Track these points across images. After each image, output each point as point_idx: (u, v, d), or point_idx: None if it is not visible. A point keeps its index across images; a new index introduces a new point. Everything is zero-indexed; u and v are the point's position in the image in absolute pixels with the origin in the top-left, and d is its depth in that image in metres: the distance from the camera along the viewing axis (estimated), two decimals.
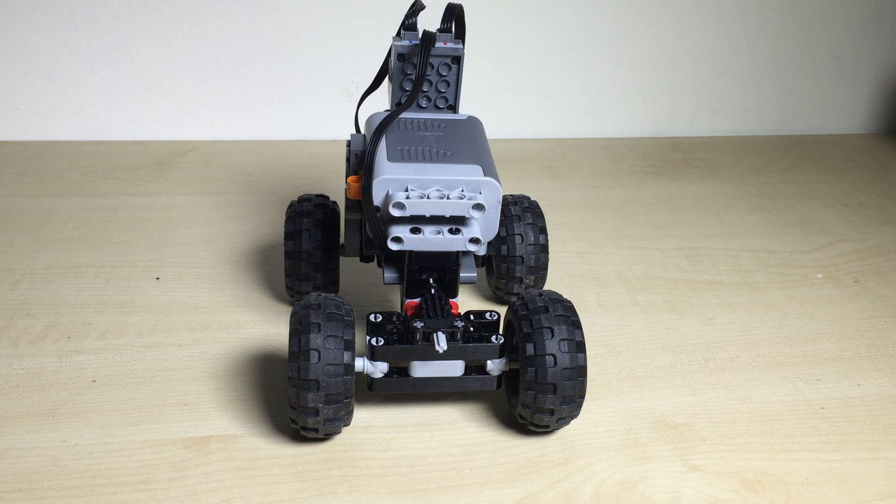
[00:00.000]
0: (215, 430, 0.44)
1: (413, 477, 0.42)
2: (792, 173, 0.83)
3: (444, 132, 0.47)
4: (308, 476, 0.42)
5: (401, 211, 0.42)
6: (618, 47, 0.85)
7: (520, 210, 0.54)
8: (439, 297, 0.45)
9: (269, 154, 0.78)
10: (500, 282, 0.55)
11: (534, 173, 0.79)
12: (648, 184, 0.78)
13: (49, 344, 0.50)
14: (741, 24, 0.87)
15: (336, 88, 0.81)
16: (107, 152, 0.78)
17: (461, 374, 0.44)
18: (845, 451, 0.45)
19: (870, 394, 0.50)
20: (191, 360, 0.50)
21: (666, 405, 0.48)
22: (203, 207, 0.68)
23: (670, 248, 0.66)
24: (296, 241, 0.51)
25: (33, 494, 0.40)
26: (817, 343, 0.55)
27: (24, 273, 0.58)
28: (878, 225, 0.72)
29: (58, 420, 0.44)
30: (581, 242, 0.66)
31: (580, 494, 0.41)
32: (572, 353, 0.42)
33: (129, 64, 0.78)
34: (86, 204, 0.68)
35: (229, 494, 0.40)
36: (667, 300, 0.59)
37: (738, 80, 0.89)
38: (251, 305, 0.55)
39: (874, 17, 0.90)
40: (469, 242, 0.43)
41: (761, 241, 0.68)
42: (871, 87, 0.93)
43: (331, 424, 0.41)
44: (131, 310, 0.54)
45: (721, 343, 0.54)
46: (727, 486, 0.42)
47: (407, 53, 0.46)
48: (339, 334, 0.40)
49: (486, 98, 0.84)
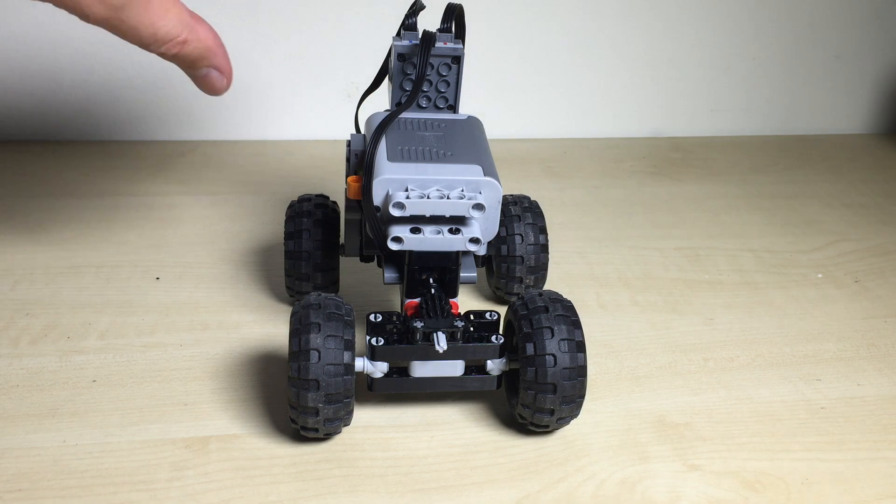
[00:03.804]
0: (215, 430, 0.44)
1: (413, 477, 0.42)
2: (792, 173, 0.83)
3: (444, 132, 0.47)
4: (308, 476, 0.42)
5: (401, 211, 0.42)
6: (618, 47, 0.85)
7: (520, 210, 0.54)
8: (439, 297, 0.45)
9: (269, 154, 0.78)
10: (500, 282, 0.55)
11: (534, 173, 0.79)
12: (648, 184, 0.78)
13: (49, 344, 0.50)
14: (741, 24, 0.87)
15: (336, 88, 0.81)
16: (107, 152, 0.78)
17: (461, 374, 0.44)
18: (845, 451, 0.45)
19: (870, 394, 0.50)
20: (191, 360, 0.50)
21: (666, 405, 0.48)
22: (203, 207, 0.68)
23: (670, 248, 0.66)
24: (296, 241, 0.51)
25: (33, 494, 0.40)
26: (817, 343, 0.55)
27: (24, 273, 0.58)
28: (878, 225, 0.72)
29: (58, 420, 0.44)
30: (581, 242, 0.66)
31: (580, 494, 0.41)
32: (572, 352, 0.42)
33: (129, 64, 0.78)
34: (86, 204, 0.68)
35: (229, 494, 0.40)
36: (667, 300, 0.59)
37: (737, 80, 0.89)
38: (251, 305, 0.55)
39: (874, 17, 0.90)
40: (469, 242, 0.43)
41: (761, 241, 0.68)
42: (871, 87, 0.93)
43: (331, 424, 0.41)
44: (131, 310, 0.54)
45: (721, 343, 0.54)
46: (727, 486, 0.42)
47: (407, 53, 0.46)
48: (339, 334, 0.40)
49: (486, 98, 0.84)
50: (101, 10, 0.36)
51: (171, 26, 0.38)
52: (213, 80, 0.42)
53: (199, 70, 0.41)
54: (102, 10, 0.36)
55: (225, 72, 0.42)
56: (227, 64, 0.42)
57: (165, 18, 0.38)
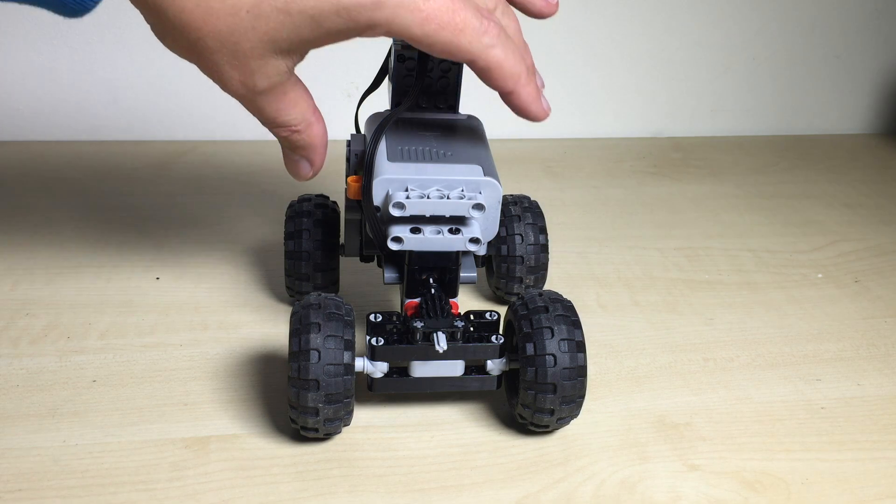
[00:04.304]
0: (215, 430, 0.44)
1: (413, 477, 0.42)
2: (792, 173, 0.83)
3: (444, 132, 0.47)
4: (308, 476, 0.42)
5: (401, 211, 0.42)
6: (618, 47, 0.85)
7: (520, 210, 0.54)
8: (439, 297, 0.45)
9: (269, 154, 0.78)
10: (500, 282, 0.55)
11: (534, 173, 0.79)
12: (648, 184, 0.78)
13: (49, 344, 0.50)
14: (741, 24, 0.87)
15: (336, 88, 0.81)
16: (107, 152, 0.78)
17: (461, 374, 0.44)
18: (845, 451, 0.45)
19: (870, 394, 0.50)
20: (191, 360, 0.50)
21: (666, 405, 0.48)
22: (203, 207, 0.68)
23: (670, 248, 0.66)
24: (296, 241, 0.51)
25: (33, 494, 0.40)
26: (817, 343, 0.55)
27: (24, 273, 0.58)
28: (878, 225, 0.72)
29: (58, 420, 0.44)
30: (581, 242, 0.66)
31: (580, 494, 0.41)
32: (572, 352, 0.42)
33: (129, 64, 0.78)
34: (86, 204, 0.68)
35: (229, 494, 0.40)
36: (667, 300, 0.59)
37: (737, 80, 0.89)
38: (251, 305, 0.55)
39: (874, 17, 0.90)
40: (469, 242, 0.43)
41: (761, 241, 0.68)
42: (871, 87, 0.94)
43: (331, 424, 0.41)
44: (131, 310, 0.54)
45: (721, 343, 0.54)
46: (727, 486, 0.42)
47: (407, 53, 0.46)
48: (339, 334, 0.40)
49: (486, 98, 0.83)
50: (241, 90, 0.38)
51: (292, 117, 0.40)
52: (300, 167, 0.43)
53: (294, 155, 0.43)
54: (241, 90, 0.38)
55: (315, 166, 0.43)
56: (321, 161, 0.43)
57: (292, 110, 0.40)
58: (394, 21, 0.35)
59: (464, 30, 0.36)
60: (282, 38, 0.36)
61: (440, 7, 0.36)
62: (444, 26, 0.36)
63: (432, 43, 0.36)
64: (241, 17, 0.35)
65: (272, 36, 0.36)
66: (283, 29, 0.36)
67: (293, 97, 0.40)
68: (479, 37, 0.37)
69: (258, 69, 0.37)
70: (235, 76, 0.37)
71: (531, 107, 0.40)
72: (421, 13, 0.35)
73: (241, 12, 0.35)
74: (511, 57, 0.38)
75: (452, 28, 0.36)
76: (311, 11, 0.35)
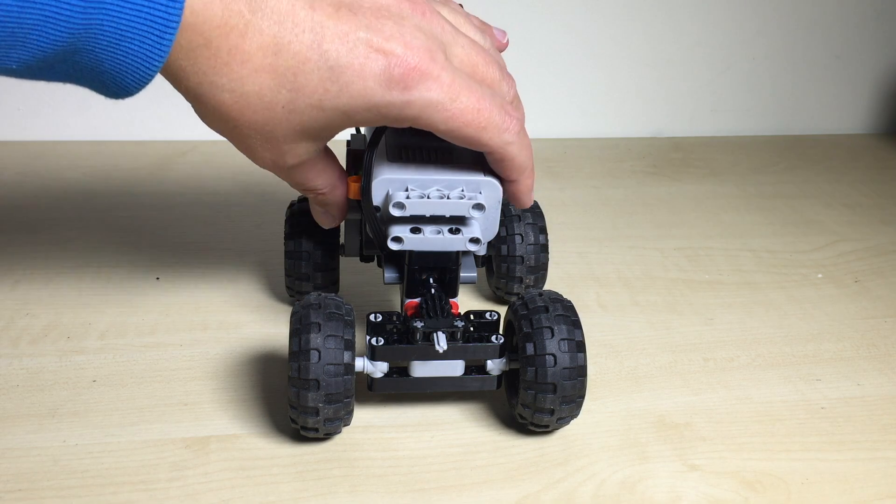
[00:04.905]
0: (215, 430, 0.44)
1: (413, 477, 0.42)
2: (792, 173, 0.83)
3: None
4: (308, 476, 0.42)
5: (401, 211, 0.42)
6: (618, 47, 0.85)
7: (520, 210, 0.54)
8: (439, 297, 0.45)
9: None
10: (500, 282, 0.55)
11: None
12: (648, 184, 0.78)
13: (49, 344, 0.50)
14: (740, 24, 0.87)
15: None
16: (107, 152, 0.78)
17: (461, 374, 0.44)
18: (845, 451, 0.45)
19: (870, 394, 0.50)
20: (191, 360, 0.50)
21: (666, 405, 0.48)
22: (203, 207, 0.68)
23: (670, 248, 0.66)
24: (296, 240, 0.51)
25: (33, 494, 0.40)
26: (817, 343, 0.55)
27: (24, 273, 0.58)
28: (878, 225, 0.72)
29: (58, 420, 0.44)
30: (581, 242, 0.66)
31: (580, 494, 0.41)
32: (572, 352, 0.42)
33: None
34: (86, 204, 0.68)
35: (229, 494, 0.40)
36: (667, 300, 0.59)
37: (737, 80, 0.90)
38: (251, 305, 0.55)
39: (874, 17, 0.90)
40: (469, 242, 0.43)
41: (761, 241, 0.68)
42: (871, 87, 0.94)
43: (331, 424, 0.41)
44: (131, 310, 0.54)
45: (721, 343, 0.54)
46: (727, 486, 0.42)
47: None
48: (339, 334, 0.40)
49: None
50: (271, 166, 0.41)
51: (318, 184, 0.43)
52: (323, 217, 0.47)
53: (319, 207, 0.46)
54: (272, 167, 0.41)
55: (337, 220, 0.47)
56: (343, 216, 0.47)
57: (317, 179, 0.43)
58: (420, 118, 0.37)
59: (486, 127, 0.39)
60: (313, 128, 0.38)
61: (466, 108, 0.38)
62: (468, 124, 0.38)
63: (455, 137, 0.39)
64: (277, 112, 0.37)
65: (305, 127, 0.38)
66: (316, 122, 0.38)
67: (321, 167, 0.43)
68: (501, 133, 0.39)
69: (289, 151, 0.40)
70: (267, 156, 0.40)
71: (524, 197, 0.43)
72: (447, 112, 0.37)
73: (276, 107, 0.37)
74: (524, 152, 0.41)
75: (476, 126, 0.38)
76: (344, 108, 0.37)
